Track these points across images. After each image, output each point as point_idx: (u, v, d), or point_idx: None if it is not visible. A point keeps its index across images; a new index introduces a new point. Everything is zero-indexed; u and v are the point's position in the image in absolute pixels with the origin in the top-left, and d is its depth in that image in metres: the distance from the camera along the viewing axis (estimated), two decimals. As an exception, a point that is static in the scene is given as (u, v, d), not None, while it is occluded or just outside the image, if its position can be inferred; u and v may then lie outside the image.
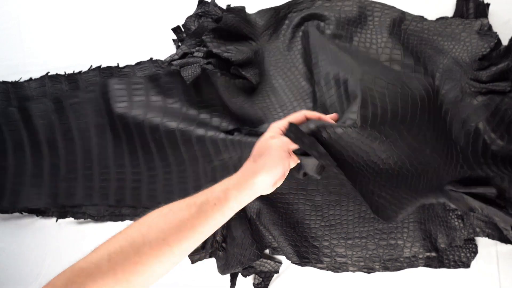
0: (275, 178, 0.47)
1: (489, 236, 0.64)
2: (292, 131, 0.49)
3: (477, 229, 0.65)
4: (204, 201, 0.43)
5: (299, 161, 0.54)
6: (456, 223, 0.66)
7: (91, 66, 0.81)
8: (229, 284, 0.72)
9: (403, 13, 0.71)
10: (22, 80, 0.83)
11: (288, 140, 0.50)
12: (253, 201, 0.61)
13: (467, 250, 0.66)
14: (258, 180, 0.46)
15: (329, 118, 0.54)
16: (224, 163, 0.69)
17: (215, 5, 0.77)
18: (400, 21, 0.70)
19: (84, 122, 0.76)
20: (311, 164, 0.53)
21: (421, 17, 0.71)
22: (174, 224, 0.41)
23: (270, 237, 0.71)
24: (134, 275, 0.38)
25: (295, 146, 0.50)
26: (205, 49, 0.71)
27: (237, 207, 0.45)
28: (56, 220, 0.80)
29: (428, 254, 0.67)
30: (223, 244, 0.72)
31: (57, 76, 0.81)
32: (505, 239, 0.63)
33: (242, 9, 0.74)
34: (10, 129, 0.80)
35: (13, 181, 0.79)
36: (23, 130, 0.79)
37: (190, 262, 0.73)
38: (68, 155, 0.78)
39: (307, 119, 0.53)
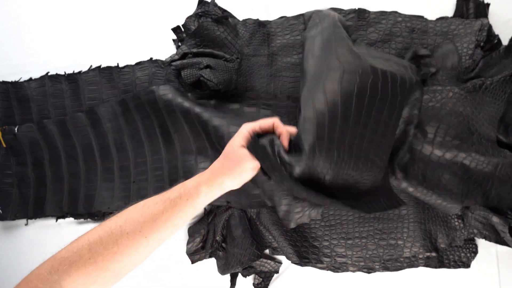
0: (241, 182, 0.52)
1: (486, 238, 0.64)
2: (251, 144, 0.52)
3: (475, 231, 0.65)
4: (177, 196, 0.47)
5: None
6: (456, 223, 0.66)
7: (91, 66, 0.81)
8: (229, 284, 0.72)
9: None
10: (22, 80, 0.83)
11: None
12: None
13: (467, 250, 0.66)
14: (225, 181, 0.50)
15: (290, 130, 0.54)
16: None
17: (215, 5, 0.77)
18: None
19: (150, 123, 0.75)
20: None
21: (421, 17, 0.71)
22: (149, 217, 0.45)
23: (270, 237, 0.71)
24: (114, 263, 0.42)
25: None
26: (206, 59, 0.72)
27: (207, 201, 0.50)
28: (56, 220, 0.80)
29: (428, 254, 0.67)
30: (223, 244, 0.72)
31: (57, 76, 0.81)
32: (501, 241, 0.63)
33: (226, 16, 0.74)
34: (79, 135, 0.79)
35: (86, 186, 0.79)
36: (92, 135, 0.78)
37: (190, 262, 0.73)
38: (137, 157, 0.77)
39: (274, 128, 0.54)
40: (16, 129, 0.79)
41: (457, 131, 0.66)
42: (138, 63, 0.79)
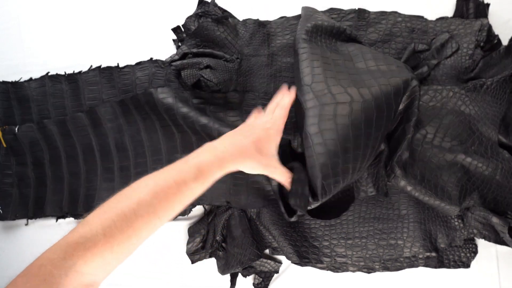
0: (260, 171, 0.53)
1: (485, 238, 0.64)
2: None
3: (475, 231, 0.65)
4: (193, 178, 0.47)
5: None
6: (456, 223, 0.66)
7: (91, 66, 0.81)
8: (229, 284, 0.72)
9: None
10: (22, 80, 0.83)
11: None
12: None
13: (467, 250, 0.66)
14: (246, 165, 0.51)
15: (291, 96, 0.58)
16: None
17: (215, 5, 0.77)
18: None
19: (151, 124, 0.75)
20: None
21: (421, 17, 0.71)
22: (163, 198, 0.45)
23: (270, 237, 0.71)
24: (129, 245, 0.43)
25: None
26: (206, 59, 0.71)
27: (218, 177, 0.50)
28: (56, 220, 0.80)
29: (428, 254, 0.67)
30: (223, 244, 0.72)
31: (57, 76, 0.81)
32: (501, 242, 0.63)
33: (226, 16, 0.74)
34: (80, 135, 0.79)
35: (86, 186, 0.78)
36: (92, 135, 0.78)
37: (190, 262, 0.73)
38: (137, 157, 0.77)
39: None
40: (16, 129, 0.79)
41: (458, 131, 0.66)
42: (138, 63, 0.79)
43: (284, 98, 0.58)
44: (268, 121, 0.56)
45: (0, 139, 0.80)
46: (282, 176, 0.55)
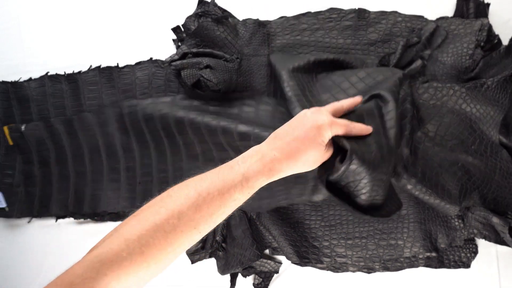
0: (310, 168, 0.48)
1: (486, 238, 0.64)
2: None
3: (475, 231, 0.65)
4: (239, 189, 0.42)
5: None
6: (456, 223, 0.66)
7: (90, 66, 0.81)
8: (229, 284, 0.72)
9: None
10: (22, 80, 0.83)
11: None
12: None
13: (467, 250, 0.66)
14: (295, 170, 0.46)
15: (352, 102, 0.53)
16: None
17: (215, 5, 0.77)
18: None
19: (153, 125, 0.75)
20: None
21: (421, 17, 0.71)
22: (206, 213, 0.41)
23: (270, 237, 0.71)
24: (166, 261, 0.40)
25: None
26: (206, 59, 0.71)
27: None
28: (56, 220, 0.80)
29: (428, 254, 0.67)
30: (223, 244, 0.72)
31: (57, 76, 0.81)
32: (501, 242, 0.63)
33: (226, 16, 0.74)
34: (86, 134, 0.79)
35: (92, 185, 0.78)
36: (99, 135, 0.78)
37: (190, 262, 0.73)
38: (143, 158, 0.76)
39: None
40: (23, 127, 0.79)
41: (459, 130, 0.66)
42: (138, 63, 0.79)
43: (345, 101, 0.52)
44: (324, 117, 0.47)
45: (7, 137, 0.80)
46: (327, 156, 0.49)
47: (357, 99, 0.53)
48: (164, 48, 0.79)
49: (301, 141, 0.45)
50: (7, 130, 0.80)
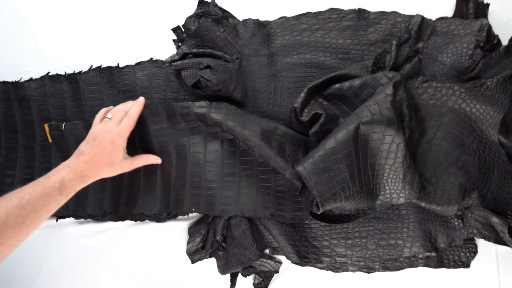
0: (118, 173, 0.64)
1: (485, 237, 0.64)
2: None
3: (475, 231, 0.65)
4: (58, 192, 0.55)
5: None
6: (456, 223, 0.66)
7: (91, 66, 0.81)
8: (229, 284, 0.72)
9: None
10: (22, 80, 0.83)
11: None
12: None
13: (467, 250, 0.66)
14: (104, 175, 0.63)
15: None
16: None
17: (215, 5, 0.77)
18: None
19: (197, 128, 0.73)
20: None
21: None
22: (31, 210, 0.52)
23: (270, 237, 0.71)
24: None
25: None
26: (206, 59, 0.71)
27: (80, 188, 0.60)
28: (57, 220, 0.80)
29: (428, 254, 0.67)
30: (223, 244, 0.72)
31: (57, 76, 0.81)
32: (501, 242, 0.63)
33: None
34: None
35: (128, 188, 0.77)
36: (136, 136, 0.76)
37: (190, 262, 0.73)
38: (179, 161, 0.75)
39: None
40: (63, 125, 0.79)
41: (458, 129, 0.66)
42: (138, 63, 0.79)
43: (133, 108, 0.65)
44: (114, 131, 0.62)
45: (47, 135, 0.80)
46: (137, 165, 0.67)
47: (141, 101, 0.68)
48: (164, 48, 0.79)
49: (102, 154, 0.61)
50: (47, 128, 0.80)
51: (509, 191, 0.64)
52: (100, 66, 0.80)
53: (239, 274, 0.72)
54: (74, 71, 0.81)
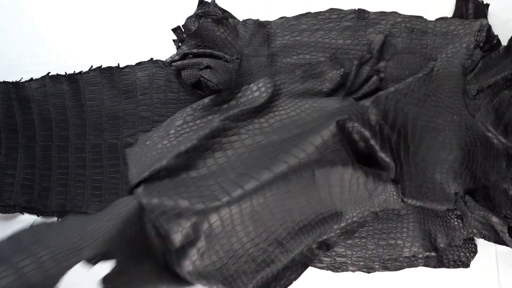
0: None
1: (485, 237, 0.64)
2: None
3: (474, 230, 0.65)
4: None
5: None
6: (456, 223, 0.66)
7: (91, 66, 0.81)
8: (229, 283, 0.72)
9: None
10: (22, 80, 0.83)
11: None
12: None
13: (467, 249, 0.66)
14: None
15: None
16: None
17: (215, 5, 0.77)
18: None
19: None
20: None
21: (421, 18, 0.71)
22: None
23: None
24: None
25: None
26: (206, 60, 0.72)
27: None
28: (57, 220, 0.80)
29: (427, 253, 0.67)
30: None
31: (57, 76, 0.81)
32: (501, 241, 0.63)
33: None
34: None
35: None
36: None
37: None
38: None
39: None
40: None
41: (428, 119, 0.67)
42: (138, 64, 0.79)
43: None
44: None
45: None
46: None
47: None
48: (164, 49, 0.79)
49: None
50: None
51: (494, 158, 0.65)
52: (100, 66, 0.80)
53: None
54: (74, 71, 0.81)
